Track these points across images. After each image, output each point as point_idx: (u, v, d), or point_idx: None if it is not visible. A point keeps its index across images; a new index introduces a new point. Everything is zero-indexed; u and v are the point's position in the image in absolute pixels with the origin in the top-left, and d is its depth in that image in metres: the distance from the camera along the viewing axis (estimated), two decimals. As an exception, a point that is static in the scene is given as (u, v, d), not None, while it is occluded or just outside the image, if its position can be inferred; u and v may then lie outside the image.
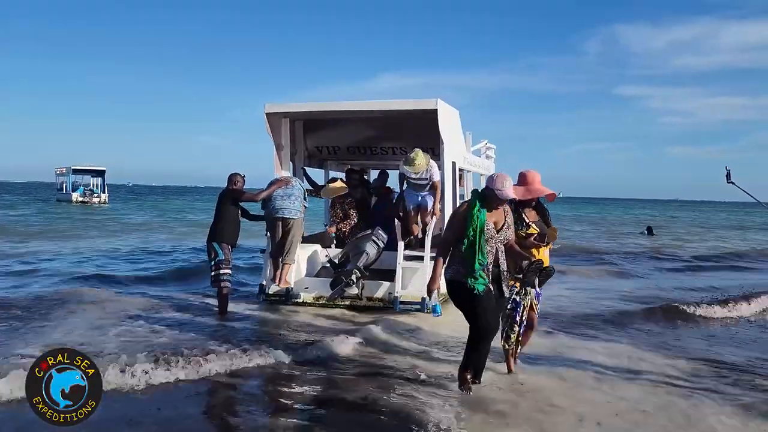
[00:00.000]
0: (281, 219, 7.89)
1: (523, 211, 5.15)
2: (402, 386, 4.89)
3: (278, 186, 7.93)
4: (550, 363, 5.65)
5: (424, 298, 7.50)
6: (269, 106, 8.56)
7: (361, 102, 8.58)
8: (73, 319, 6.93)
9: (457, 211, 4.61)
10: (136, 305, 7.81)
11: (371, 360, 5.74)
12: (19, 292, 8.78)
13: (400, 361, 5.67)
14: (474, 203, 4.45)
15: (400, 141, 9.64)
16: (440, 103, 7.97)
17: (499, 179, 4.44)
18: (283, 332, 6.71)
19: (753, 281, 12.04)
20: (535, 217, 5.19)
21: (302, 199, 8.09)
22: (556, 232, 5.18)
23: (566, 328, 7.31)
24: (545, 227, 5.17)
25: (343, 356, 5.80)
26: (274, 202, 7.88)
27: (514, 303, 5.04)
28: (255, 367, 5.35)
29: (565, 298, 9.34)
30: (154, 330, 6.50)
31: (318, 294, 7.99)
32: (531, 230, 5.08)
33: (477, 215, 4.38)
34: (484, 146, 11.80)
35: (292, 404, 4.53)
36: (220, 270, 7.48)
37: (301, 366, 5.46)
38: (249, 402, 4.61)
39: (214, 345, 5.82)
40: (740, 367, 5.82)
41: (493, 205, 4.47)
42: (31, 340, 5.83)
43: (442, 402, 4.55)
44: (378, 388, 4.85)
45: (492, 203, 4.46)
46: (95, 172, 48.47)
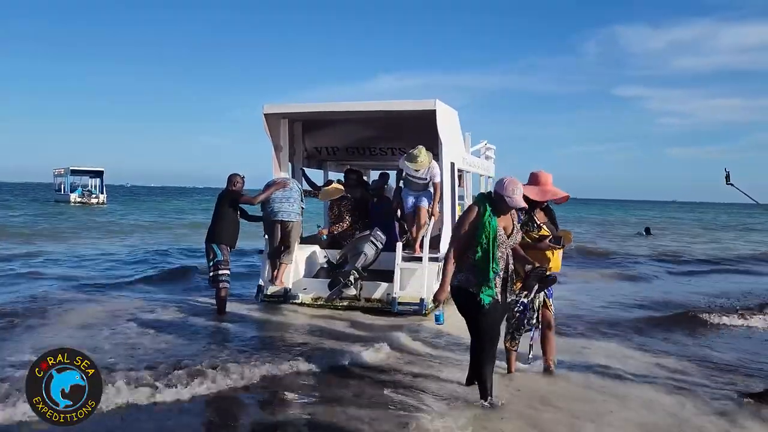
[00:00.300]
0: (280, 221, 7.97)
1: (534, 213, 5.02)
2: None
3: (276, 188, 7.99)
4: (561, 365, 5.53)
5: (422, 299, 7.54)
6: (268, 107, 8.56)
7: (359, 103, 8.58)
8: (73, 322, 6.93)
9: (466, 218, 4.36)
10: (134, 307, 7.79)
11: (400, 368, 5.60)
12: (18, 294, 8.71)
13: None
14: (485, 209, 4.27)
15: (398, 142, 9.65)
16: (438, 103, 7.97)
17: (510, 185, 4.26)
18: (288, 335, 6.69)
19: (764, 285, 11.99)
20: (544, 218, 5.10)
21: (300, 201, 8.15)
22: (571, 234, 5.12)
23: (578, 332, 7.24)
24: (554, 229, 5.09)
25: (372, 364, 5.68)
26: (273, 204, 7.95)
27: (522, 306, 4.97)
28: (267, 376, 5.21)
29: (575, 301, 9.27)
30: (149, 333, 6.42)
31: (316, 295, 8.00)
32: (542, 232, 4.96)
33: (489, 222, 4.21)
34: (484, 147, 11.83)
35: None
36: (218, 271, 7.50)
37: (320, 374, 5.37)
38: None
39: (223, 351, 5.77)
40: (725, 366, 5.90)
41: (502, 211, 4.32)
42: (26, 345, 5.80)
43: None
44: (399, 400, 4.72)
45: (501, 209, 4.31)
46: (93, 173, 48.35)
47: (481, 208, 4.30)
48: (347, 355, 5.78)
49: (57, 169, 50.43)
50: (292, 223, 7.99)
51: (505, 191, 4.25)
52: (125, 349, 5.78)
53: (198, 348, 5.94)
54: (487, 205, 4.28)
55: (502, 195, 4.26)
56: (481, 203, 4.35)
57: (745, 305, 9.16)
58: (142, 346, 5.94)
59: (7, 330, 6.47)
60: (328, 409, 4.47)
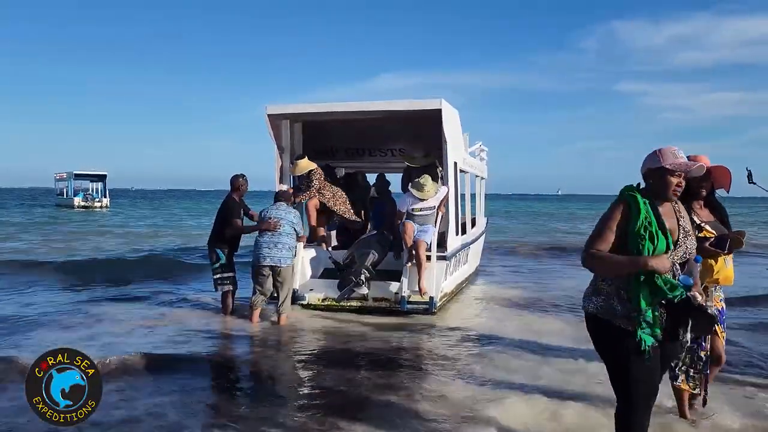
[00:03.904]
0: (269, 267, 7.17)
1: (692, 208, 3.77)
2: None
3: (265, 228, 7.22)
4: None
5: (432, 298, 7.49)
6: (271, 108, 8.52)
7: (362, 103, 8.50)
8: (81, 328, 6.91)
9: (607, 223, 2.88)
10: (142, 313, 7.77)
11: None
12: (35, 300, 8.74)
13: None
14: (637, 203, 2.84)
15: (400, 142, 9.60)
16: (444, 103, 7.92)
17: (668, 152, 2.91)
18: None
19: None
20: (708, 216, 3.88)
21: (294, 239, 7.34)
22: (744, 237, 3.73)
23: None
24: (723, 229, 3.82)
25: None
26: (261, 249, 7.16)
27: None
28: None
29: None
30: (159, 343, 6.35)
31: (324, 295, 7.89)
32: (704, 233, 3.73)
33: (645, 225, 2.80)
34: (478, 148, 11.91)
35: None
36: (223, 273, 7.45)
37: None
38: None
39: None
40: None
41: (665, 196, 2.90)
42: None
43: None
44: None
45: (661, 192, 2.90)
46: (96, 177, 48.43)
47: (630, 202, 2.87)
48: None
49: (58, 174, 50.51)
50: (282, 268, 7.14)
51: (665, 160, 2.88)
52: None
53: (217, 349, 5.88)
54: (638, 198, 2.86)
55: (662, 166, 2.88)
56: (629, 197, 2.89)
57: None
58: (156, 355, 5.89)
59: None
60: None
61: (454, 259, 8.66)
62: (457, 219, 8.78)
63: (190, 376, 5.25)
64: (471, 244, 10.26)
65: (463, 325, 7.29)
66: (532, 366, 5.56)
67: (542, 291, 10.03)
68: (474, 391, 4.84)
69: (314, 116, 8.83)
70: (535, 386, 4.92)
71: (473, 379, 5.20)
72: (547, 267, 14.14)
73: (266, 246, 7.12)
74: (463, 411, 4.37)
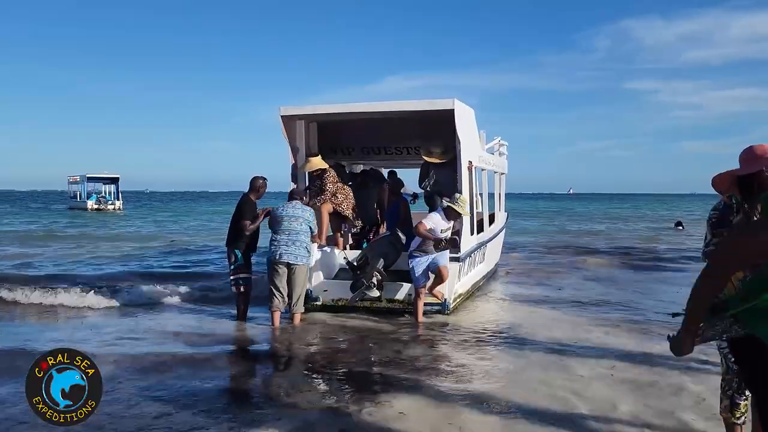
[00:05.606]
0: (286, 264, 7.12)
1: (754, 209, 3.02)
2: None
3: (276, 224, 7.18)
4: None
5: (445, 299, 7.49)
6: (284, 109, 8.50)
7: (376, 103, 8.46)
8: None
9: (749, 236, 2.07)
10: (155, 315, 7.83)
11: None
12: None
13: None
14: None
15: (415, 140, 9.53)
16: (457, 102, 7.90)
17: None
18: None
19: None
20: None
21: (309, 237, 7.28)
22: None
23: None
24: None
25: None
26: (279, 246, 7.09)
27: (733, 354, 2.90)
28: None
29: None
30: (171, 342, 6.39)
31: (337, 297, 7.89)
32: None
33: None
34: (497, 143, 11.85)
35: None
36: (239, 274, 7.37)
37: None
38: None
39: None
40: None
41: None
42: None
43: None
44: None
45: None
46: (109, 180, 48.77)
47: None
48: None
49: (72, 177, 50.88)
50: (298, 266, 7.11)
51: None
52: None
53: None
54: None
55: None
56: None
57: None
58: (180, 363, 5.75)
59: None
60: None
61: (469, 259, 8.56)
62: (472, 218, 8.67)
63: (209, 373, 5.27)
64: (488, 242, 10.16)
65: (476, 325, 7.20)
66: (544, 363, 5.51)
67: (553, 292, 9.92)
68: (482, 390, 4.75)
69: (330, 117, 8.79)
70: (551, 385, 4.82)
71: (482, 377, 5.13)
72: (562, 262, 14.11)
73: (284, 243, 7.09)
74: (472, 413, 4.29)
